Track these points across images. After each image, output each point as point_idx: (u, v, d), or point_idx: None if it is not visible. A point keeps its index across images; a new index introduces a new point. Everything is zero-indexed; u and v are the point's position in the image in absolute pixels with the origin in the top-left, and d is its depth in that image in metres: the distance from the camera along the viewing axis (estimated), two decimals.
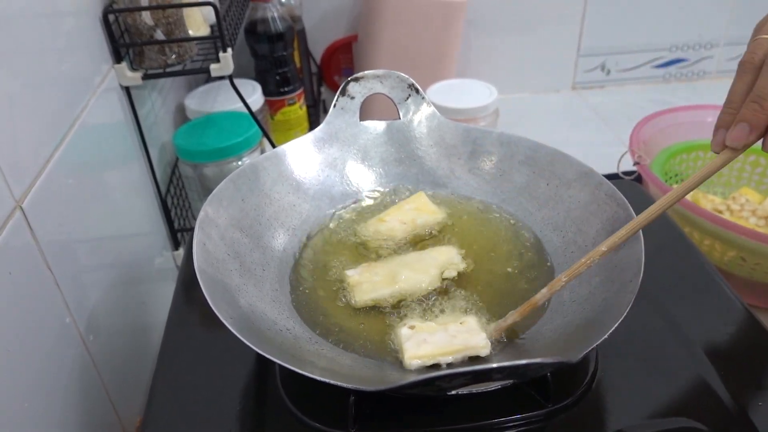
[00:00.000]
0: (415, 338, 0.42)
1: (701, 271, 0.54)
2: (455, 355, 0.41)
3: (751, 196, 0.86)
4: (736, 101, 0.41)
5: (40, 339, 0.47)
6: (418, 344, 0.42)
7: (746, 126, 0.40)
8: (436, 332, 0.43)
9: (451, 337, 0.42)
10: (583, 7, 1.31)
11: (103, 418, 0.57)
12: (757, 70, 0.40)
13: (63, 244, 0.52)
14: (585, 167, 0.53)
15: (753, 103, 0.40)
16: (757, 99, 0.39)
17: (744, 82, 0.41)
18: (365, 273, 0.50)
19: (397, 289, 0.48)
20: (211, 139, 0.82)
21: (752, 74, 0.40)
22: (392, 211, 0.56)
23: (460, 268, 0.50)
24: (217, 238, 0.47)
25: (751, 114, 0.40)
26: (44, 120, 0.52)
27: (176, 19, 0.71)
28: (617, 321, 0.38)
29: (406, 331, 0.44)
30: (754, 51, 0.40)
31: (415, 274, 0.49)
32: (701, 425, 0.40)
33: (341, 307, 0.48)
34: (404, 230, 0.54)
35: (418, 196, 0.57)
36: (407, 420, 0.41)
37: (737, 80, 0.41)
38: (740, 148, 0.41)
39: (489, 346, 0.42)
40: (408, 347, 0.42)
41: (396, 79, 0.57)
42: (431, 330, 0.43)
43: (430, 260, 0.50)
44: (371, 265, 0.51)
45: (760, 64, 0.40)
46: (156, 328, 0.72)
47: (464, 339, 0.42)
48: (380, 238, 0.54)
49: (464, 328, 0.43)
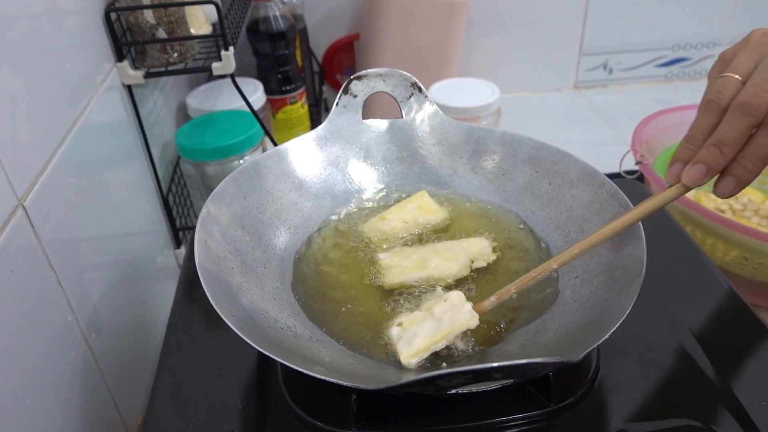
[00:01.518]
0: (406, 336, 0.42)
1: (703, 271, 0.54)
2: (447, 338, 0.42)
3: (753, 195, 0.85)
4: (698, 139, 0.40)
5: (43, 337, 0.47)
6: (410, 341, 0.42)
7: (704, 168, 0.40)
8: (423, 321, 0.43)
9: (438, 321, 0.42)
10: (585, 6, 1.31)
11: (105, 415, 0.57)
12: (722, 113, 0.39)
13: (65, 243, 0.52)
14: (587, 167, 0.52)
15: (713, 146, 0.39)
16: (717, 143, 0.39)
17: (708, 121, 0.40)
18: (396, 257, 0.51)
19: (425, 274, 0.49)
20: (212, 137, 0.82)
21: (717, 116, 0.39)
22: (394, 209, 0.56)
23: (491, 259, 0.51)
24: (218, 236, 0.47)
25: (710, 157, 0.39)
26: (46, 118, 0.52)
27: (178, 18, 0.71)
28: (619, 321, 0.38)
29: (397, 331, 0.43)
30: (721, 91, 0.39)
31: (444, 262, 0.50)
32: (703, 425, 0.40)
33: (342, 306, 0.48)
34: (406, 229, 0.54)
35: (421, 195, 0.57)
36: (410, 419, 0.41)
37: (700, 117, 0.40)
38: (695, 187, 0.41)
39: (476, 317, 0.42)
40: (401, 348, 0.42)
41: (399, 77, 0.57)
42: (418, 320, 0.43)
43: (460, 249, 0.51)
44: (403, 249, 0.52)
45: (725, 106, 0.39)
46: (158, 326, 0.72)
47: (450, 318, 0.42)
48: (382, 236, 0.54)
49: (448, 306, 0.43)
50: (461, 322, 0.42)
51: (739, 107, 0.38)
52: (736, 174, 0.39)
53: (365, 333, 0.45)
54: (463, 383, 0.35)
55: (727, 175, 0.40)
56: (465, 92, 1.00)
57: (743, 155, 0.39)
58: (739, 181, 0.40)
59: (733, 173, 0.40)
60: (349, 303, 0.48)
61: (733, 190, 0.40)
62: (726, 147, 0.39)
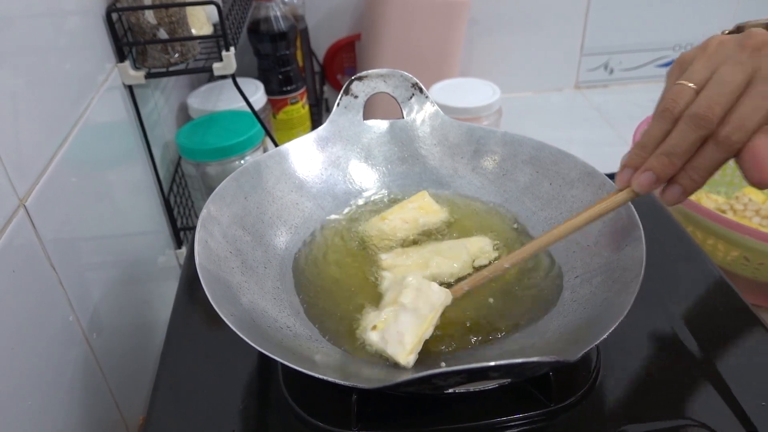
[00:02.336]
0: (390, 338, 0.42)
1: (704, 271, 0.54)
2: (433, 323, 0.42)
3: (754, 195, 0.85)
4: (649, 146, 0.40)
5: (44, 337, 0.47)
6: (400, 342, 0.41)
7: (653, 176, 0.40)
8: (399, 316, 0.42)
9: (415, 310, 0.42)
10: (586, 6, 1.31)
11: (106, 415, 0.57)
12: (675, 122, 0.39)
13: (66, 243, 0.52)
14: (588, 167, 0.52)
15: (663, 155, 0.39)
16: (668, 153, 0.39)
17: (660, 129, 0.40)
18: (398, 258, 0.51)
19: (428, 274, 0.49)
20: (213, 138, 0.83)
21: (669, 124, 0.39)
22: (395, 210, 0.56)
23: (492, 257, 0.51)
24: (219, 236, 0.47)
25: (659, 166, 0.39)
26: (48, 118, 0.52)
27: (179, 18, 0.71)
28: (617, 321, 0.38)
29: (375, 336, 0.42)
30: (676, 99, 0.39)
31: (446, 260, 0.50)
32: (703, 426, 0.40)
33: (342, 306, 0.48)
34: (406, 229, 0.54)
35: (421, 195, 0.57)
36: (410, 419, 0.41)
37: (654, 125, 0.40)
38: (644, 193, 0.41)
39: (449, 293, 0.43)
40: (394, 351, 0.41)
41: (400, 78, 0.57)
42: (392, 317, 0.42)
43: (462, 248, 0.51)
44: (405, 250, 0.52)
45: (678, 116, 0.39)
46: (159, 326, 0.72)
47: (425, 303, 0.42)
48: (383, 236, 0.54)
49: (412, 291, 0.43)
50: (439, 303, 0.42)
51: (691, 118, 0.38)
52: (682, 184, 0.40)
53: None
54: (460, 382, 0.35)
55: (675, 183, 0.40)
56: (466, 92, 1.00)
57: (691, 166, 0.39)
58: (685, 190, 0.40)
59: (679, 182, 0.40)
60: (350, 303, 0.48)
61: (678, 198, 0.40)
62: (675, 157, 0.39)
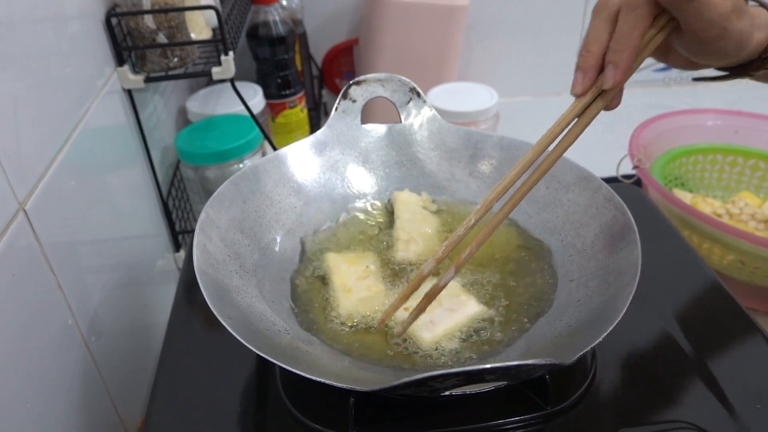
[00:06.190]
0: (422, 322, 0.45)
1: (700, 275, 0.54)
2: (460, 328, 0.46)
3: (750, 199, 0.86)
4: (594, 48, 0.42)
5: (43, 340, 0.47)
6: (429, 329, 0.45)
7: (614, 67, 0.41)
8: (434, 309, 0.45)
9: (450, 311, 0.46)
10: (583, 10, 1.31)
11: (105, 418, 0.57)
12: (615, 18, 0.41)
13: (66, 246, 0.52)
14: (584, 171, 0.53)
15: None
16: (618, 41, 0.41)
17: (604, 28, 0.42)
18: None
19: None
20: (212, 141, 0.83)
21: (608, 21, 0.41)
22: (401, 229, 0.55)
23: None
24: (217, 240, 0.47)
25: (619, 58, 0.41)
26: (47, 123, 0.52)
27: (178, 23, 0.71)
28: (613, 324, 0.38)
29: (404, 314, 0.45)
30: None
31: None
32: (698, 428, 0.40)
33: (339, 310, 0.48)
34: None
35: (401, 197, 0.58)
36: (407, 422, 0.41)
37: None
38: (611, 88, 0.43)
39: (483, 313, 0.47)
40: (422, 333, 0.45)
41: (397, 82, 0.58)
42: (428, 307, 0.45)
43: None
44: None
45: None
46: (157, 329, 0.72)
47: (460, 309, 0.46)
48: (414, 262, 0.53)
49: (450, 294, 0.47)
50: (473, 313, 0.46)
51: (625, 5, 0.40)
52: (612, 60, 0.41)
53: (362, 336, 0.46)
54: (456, 385, 0.35)
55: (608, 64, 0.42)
56: (463, 97, 1.00)
57: (613, 40, 0.41)
58: (616, 65, 0.41)
59: (610, 60, 0.41)
60: (348, 306, 0.48)
61: (615, 76, 0.42)
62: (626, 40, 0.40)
